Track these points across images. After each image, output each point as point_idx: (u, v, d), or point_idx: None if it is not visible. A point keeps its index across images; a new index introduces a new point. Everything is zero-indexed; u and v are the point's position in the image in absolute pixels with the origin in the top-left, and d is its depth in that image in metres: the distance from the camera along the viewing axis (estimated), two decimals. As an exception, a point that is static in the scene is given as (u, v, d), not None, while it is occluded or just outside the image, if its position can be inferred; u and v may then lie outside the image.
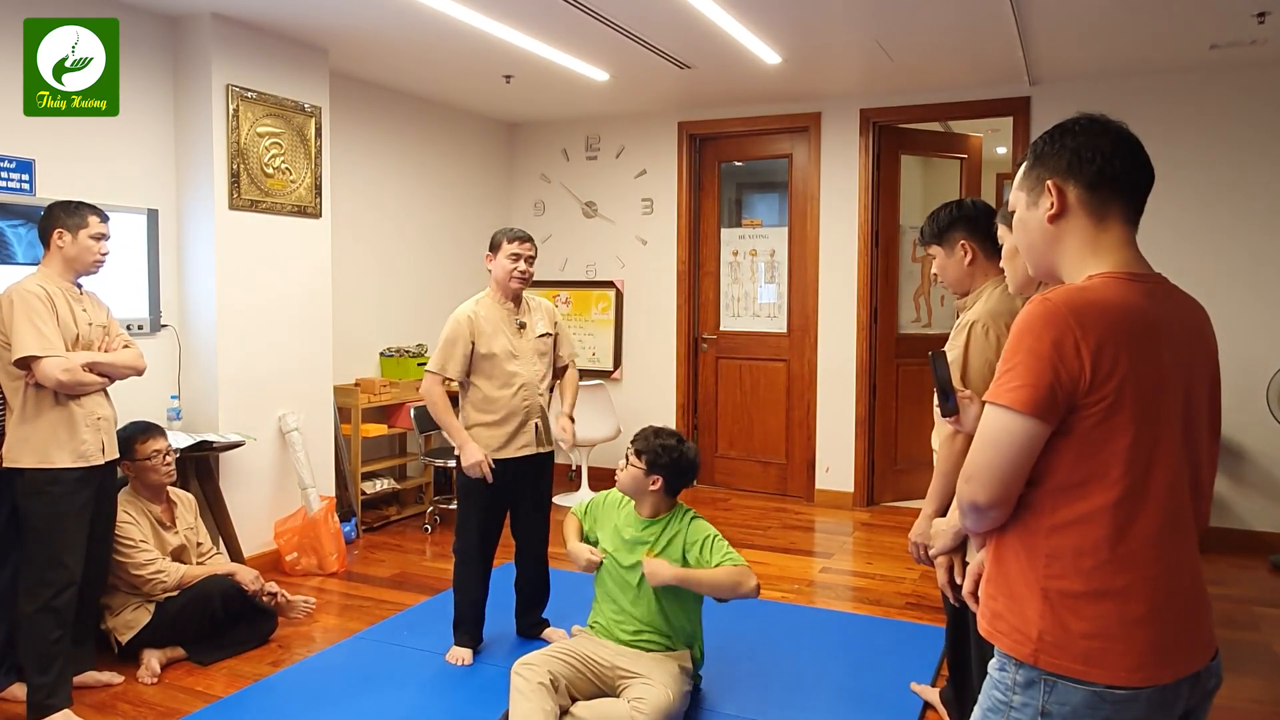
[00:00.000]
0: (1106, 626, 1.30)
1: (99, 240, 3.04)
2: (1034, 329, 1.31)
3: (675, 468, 2.95)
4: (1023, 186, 1.49)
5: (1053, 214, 1.42)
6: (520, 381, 3.40)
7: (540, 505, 3.58)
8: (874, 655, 3.52)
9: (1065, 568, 1.32)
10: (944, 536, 2.03)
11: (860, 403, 5.73)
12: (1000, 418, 1.33)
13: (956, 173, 6.03)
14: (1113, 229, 1.41)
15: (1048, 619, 1.33)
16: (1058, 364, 1.28)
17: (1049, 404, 1.29)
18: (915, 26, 4.22)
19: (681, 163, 6.14)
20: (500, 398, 3.38)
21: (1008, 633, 1.37)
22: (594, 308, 6.48)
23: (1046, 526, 1.34)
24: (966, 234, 2.48)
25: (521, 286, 3.45)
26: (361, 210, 5.36)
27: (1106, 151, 1.40)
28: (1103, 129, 1.42)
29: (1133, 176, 1.41)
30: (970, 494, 1.37)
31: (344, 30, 4.32)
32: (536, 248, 3.50)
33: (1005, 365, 1.34)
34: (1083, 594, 1.31)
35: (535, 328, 3.50)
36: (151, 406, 3.93)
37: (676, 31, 4.27)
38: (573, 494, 5.96)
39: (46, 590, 2.91)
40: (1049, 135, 1.46)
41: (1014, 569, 1.38)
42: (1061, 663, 1.31)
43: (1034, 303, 1.33)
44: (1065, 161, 1.42)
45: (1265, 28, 4.11)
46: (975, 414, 2.19)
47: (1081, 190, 1.40)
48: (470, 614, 3.47)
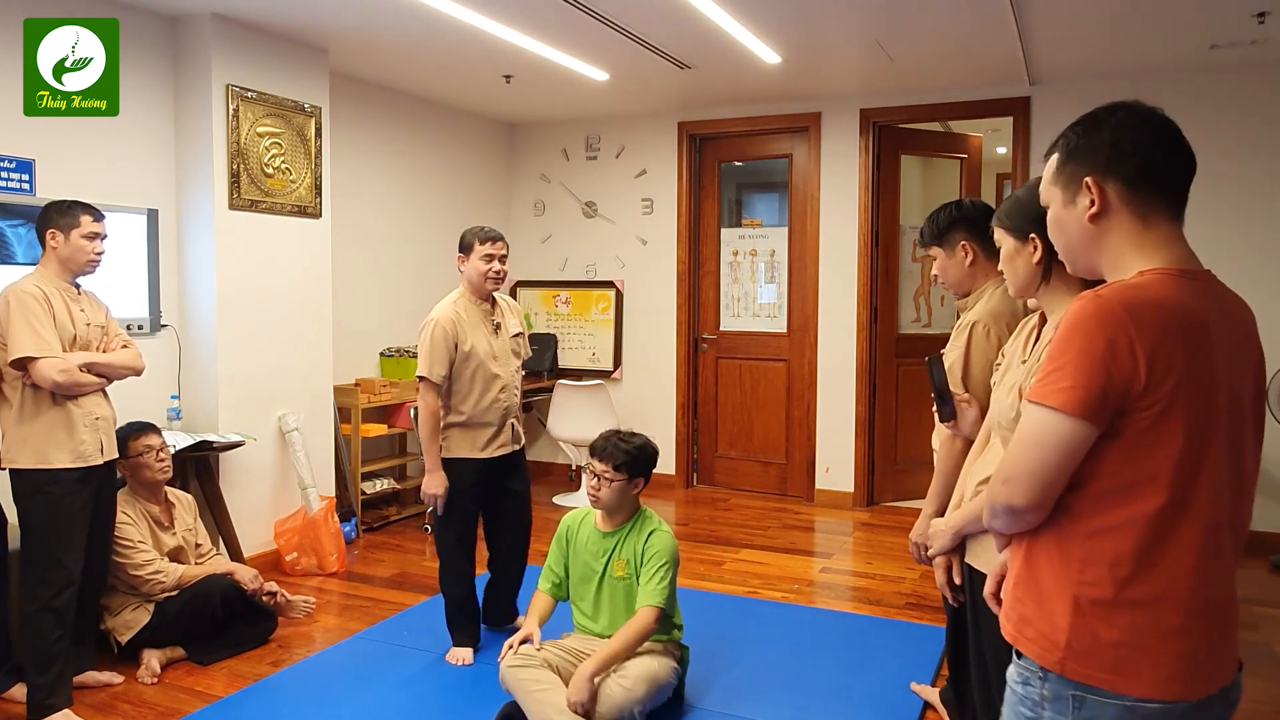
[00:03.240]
0: (1139, 636, 1.24)
1: (93, 240, 3.02)
2: (1085, 327, 1.23)
3: (647, 459, 2.94)
4: (1056, 183, 1.39)
5: (1093, 213, 1.33)
6: (501, 383, 3.43)
7: (520, 503, 3.59)
8: (874, 655, 3.51)
9: (1099, 574, 1.26)
10: (942, 537, 2.03)
11: (860, 403, 5.73)
12: (1045, 419, 1.26)
13: (956, 173, 6.03)
14: (1159, 225, 1.32)
15: (1077, 626, 1.27)
16: (1110, 365, 1.21)
17: (1099, 406, 1.22)
18: (915, 26, 4.22)
19: (681, 163, 6.14)
20: (483, 400, 3.40)
21: (1035, 639, 1.31)
22: (594, 308, 6.48)
23: (1083, 531, 1.28)
24: (967, 235, 2.48)
25: (496, 287, 3.46)
26: (361, 210, 5.36)
27: (1147, 143, 1.31)
28: (1141, 118, 1.33)
29: (1176, 168, 1.32)
30: (1007, 496, 1.31)
31: (344, 30, 4.32)
32: (508, 246, 3.50)
33: (1052, 364, 1.26)
34: (1115, 602, 1.25)
35: (509, 327, 3.53)
36: (151, 406, 3.93)
37: (676, 31, 4.27)
38: (572, 494, 5.97)
39: (46, 590, 2.91)
40: (1082, 126, 1.36)
41: (1045, 573, 1.32)
42: (1089, 672, 1.26)
43: (1086, 299, 1.26)
44: (1104, 156, 1.32)
45: (1265, 28, 4.10)
46: (973, 418, 2.19)
47: (1123, 187, 1.31)
48: (463, 614, 3.48)
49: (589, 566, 2.97)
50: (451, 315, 3.39)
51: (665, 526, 2.97)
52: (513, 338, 3.53)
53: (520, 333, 3.59)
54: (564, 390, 5.79)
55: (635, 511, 2.99)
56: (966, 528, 1.94)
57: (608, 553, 2.95)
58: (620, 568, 2.92)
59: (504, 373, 3.45)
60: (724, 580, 4.39)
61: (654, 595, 2.82)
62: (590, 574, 2.97)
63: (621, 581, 2.92)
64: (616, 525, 2.97)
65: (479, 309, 3.46)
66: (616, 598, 2.93)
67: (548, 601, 3.05)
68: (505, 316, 3.54)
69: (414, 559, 4.72)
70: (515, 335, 3.54)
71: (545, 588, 3.06)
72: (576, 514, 3.10)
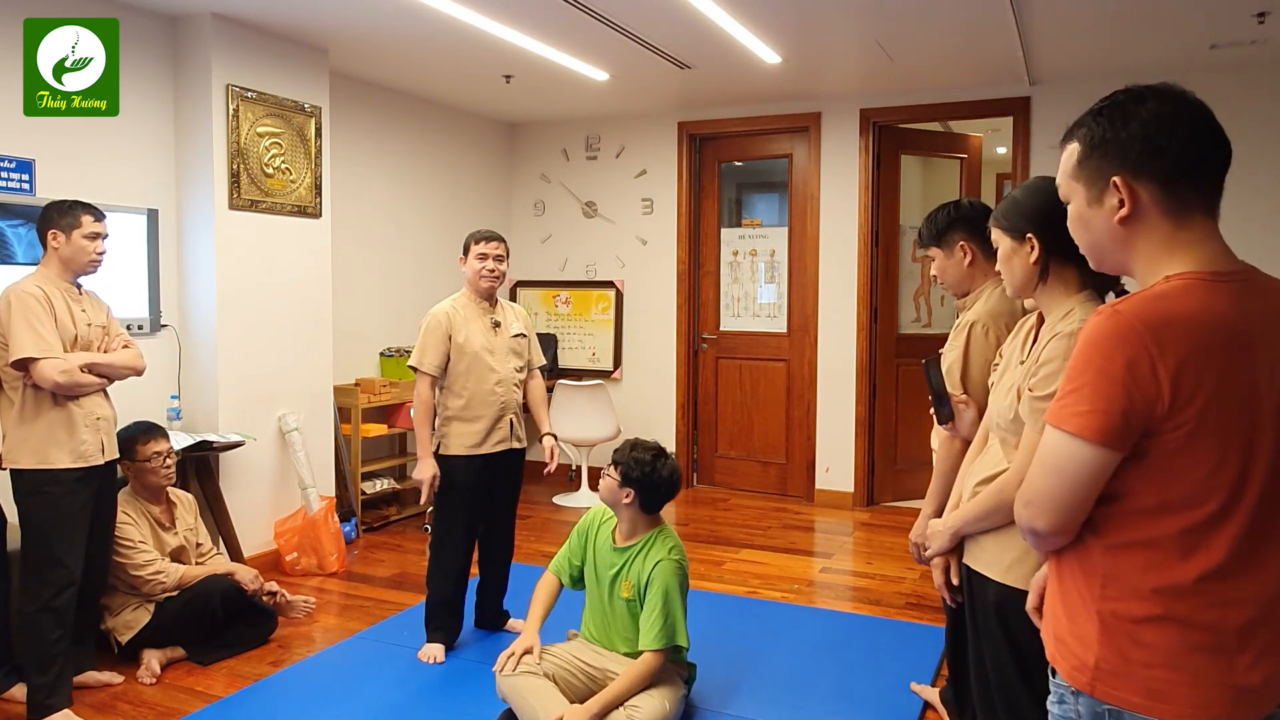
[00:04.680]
0: (1172, 657, 1.17)
1: (94, 240, 3.02)
2: (1104, 347, 1.15)
3: (647, 482, 2.83)
4: (1078, 178, 1.27)
5: (1124, 215, 1.22)
6: (497, 377, 3.47)
7: (510, 502, 3.64)
8: (874, 655, 3.51)
9: (1123, 590, 1.19)
10: (940, 538, 2.03)
11: (860, 403, 5.73)
12: (1064, 444, 1.19)
13: (956, 173, 6.03)
14: (1194, 223, 1.21)
15: (1105, 645, 1.20)
16: (1131, 387, 1.13)
17: (1121, 432, 1.15)
18: (915, 26, 4.22)
19: (681, 163, 6.14)
20: (478, 393, 3.44)
21: (1067, 657, 1.25)
22: (594, 308, 6.48)
23: (1103, 545, 1.22)
24: (965, 235, 2.48)
25: (493, 285, 3.51)
26: (361, 210, 5.36)
27: (1183, 134, 1.18)
28: (1175, 106, 1.20)
29: (1213, 161, 1.21)
30: (1029, 519, 1.26)
31: (344, 30, 4.32)
32: (506, 247, 3.56)
33: (1070, 385, 1.19)
34: (1143, 620, 1.18)
35: (510, 326, 3.57)
36: (151, 406, 3.93)
37: (676, 31, 4.27)
38: (572, 494, 5.97)
39: (46, 590, 2.91)
40: (1108, 115, 1.23)
41: (1072, 589, 1.26)
42: (1121, 694, 1.19)
43: (1103, 315, 1.17)
44: (1134, 152, 1.20)
45: (1265, 28, 4.10)
46: (971, 419, 2.20)
47: (1156, 187, 1.19)
48: (445, 610, 3.48)
49: (600, 576, 2.94)
50: (448, 310, 3.48)
51: (675, 554, 2.86)
52: (513, 337, 3.56)
53: (522, 334, 3.61)
54: (564, 390, 5.79)
55: (651, 529, 2.91)
56: (964, 528, 1.94)
57: (616, 568, 2.89)
58: (627, 589, 2.86)
59: (501, 368, 3.48)
60: (724, 580, 4.39)
61: (655, 639, 2.75)
62: (600, 584, 2.93)
63: (627, 603, 2.86)
64: (629, 541, 2.90)
65: (477, 306, 3.52)
66: (622, 618, 2.88)
67: (554, 585, 3.01)
68: (506, 316, 3.58)
69: (414, 559, 4.72)
70: (516, 335, 3.57)
71: (554, 569, 3.03)
72: (601, 511, 3.03)
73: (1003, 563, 1.84)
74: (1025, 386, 1.72)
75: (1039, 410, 1.67)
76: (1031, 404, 1.69)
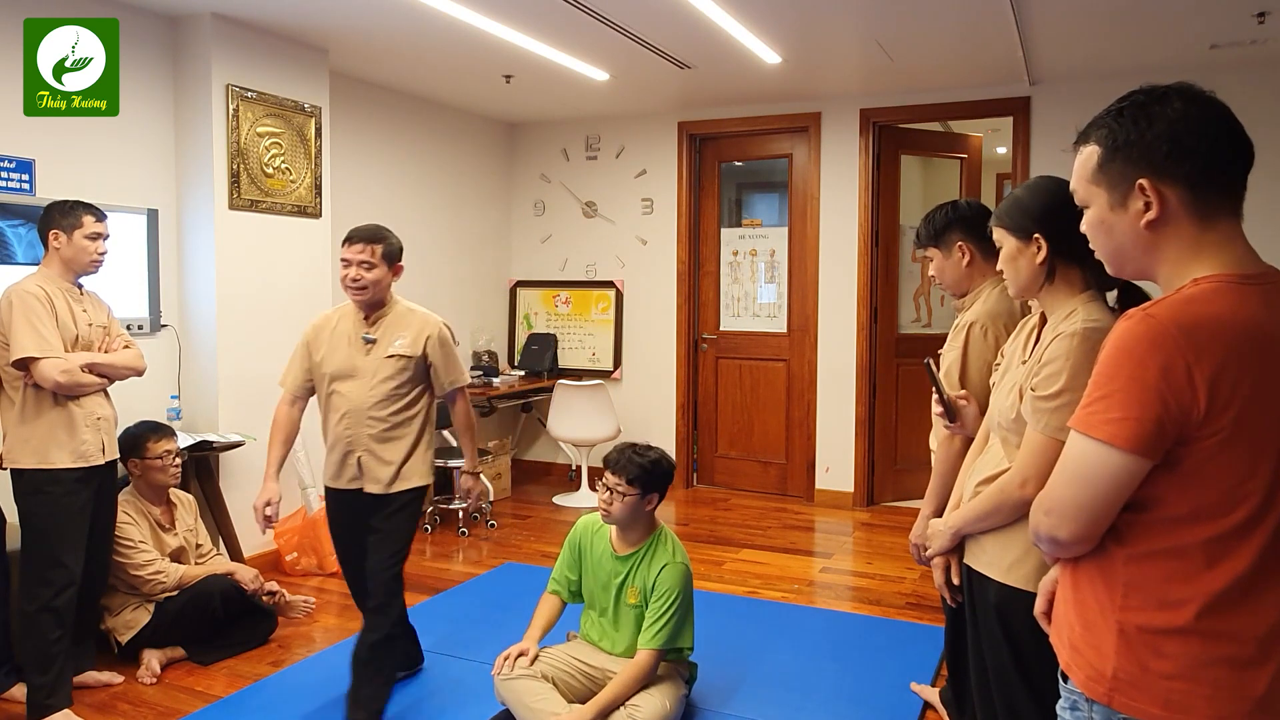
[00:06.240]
0: (1194, 669, 1.14)
1: (95, 240, 3.02)
2: (1136, 352, 1.11)
3: (662, 474, 2.81)
4: (1098, 182, 1.23)
5: (1152, 219, 1.18)
6: (343, 407, 2.92)
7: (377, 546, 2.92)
8: (874, 655, 3.52)
9: (1145, 600, 1.16)
10: (940, 537, 2.03)
11: (860, 403, 5.73)
12: (1093, 451, 1.15)
13: (956, 173, 6.03)
14: (1220, 225, 1.19)
15: (1124, 656, 1.17)
16: (1166, 394, 1.09)
17: (1155, 439, 1.11)
18: (915, 26, 4.22)
19: (681, 163, 6.14)
20: (326, 421, 3.00)
21: (1083, 667, 1.23)
22: (594, 308, 6.48)
23: (1126, 554, 1.18)
24: (963, 235, 2.49)
25: (359, 296, 2.89)
26: (361, 210, 5.34)
27: (1211, 135, 1.16)
28: (1202, 106, 1.17)
29: (1239, 161, 1.19)
30: (1050, 528, 1.23)
31: (344, 30, 4.32)
32: (377, 249, 2.86)
33: (1099, 390, 1.15)
34: (1165, 631, 1.15)
35: (388, 345, 2.90)
36: (151, 406, 3.93)
37: (676, 31, 4.27)
38: (572, 494, 5.97)
39: (46, 590, 2.91)
40: (1131, 115, 1.19)
41: (1089, 597, 1.23)
42: (1139, 706, 1.16)
43: (1135, 319, 1.13)
44: (1160, 154, 1.16)
45: (1265, 28, 4.10)
46: (973, 414, 2.20)
47: (1184, 189, 1.17)
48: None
49: (603, 589, 2.90)
50: (316, 322, 3.05)
51: (679, 556, 2.84)
52: (387, 358, 2.90)
53: (403, 355, 2.90)
54: (564, 390, 5.79)
55: (650, 533, 2.88)
56: (965, 528, 1.94)
57: (620, 577, 2.86)
58: (634, 595, 2.84)
59: (351, 395, 2.90)
60: (724, 580, 4.40)
61: (654, 639, 2.74)
62: (606, 593, 2.90)
63: (634, 609, 2.84)
64: (631, 549, 2.86)
65: (355, 320, 2.96)
66: (632, 624, 2.86)
67: (555, 604, 2.97)
68: (389, 333, 2.92)
69: (413, 559, 4.71)
70: (392, 356, 2.90)
71: (553, 589, 2.99)
72: (591, 522, 2.96)
73: (1003, 563, 1.84)
74: (1027, 386, 1.72)
75: (1041, 410, 1.67)
76: (1033, 404, 1.69)
